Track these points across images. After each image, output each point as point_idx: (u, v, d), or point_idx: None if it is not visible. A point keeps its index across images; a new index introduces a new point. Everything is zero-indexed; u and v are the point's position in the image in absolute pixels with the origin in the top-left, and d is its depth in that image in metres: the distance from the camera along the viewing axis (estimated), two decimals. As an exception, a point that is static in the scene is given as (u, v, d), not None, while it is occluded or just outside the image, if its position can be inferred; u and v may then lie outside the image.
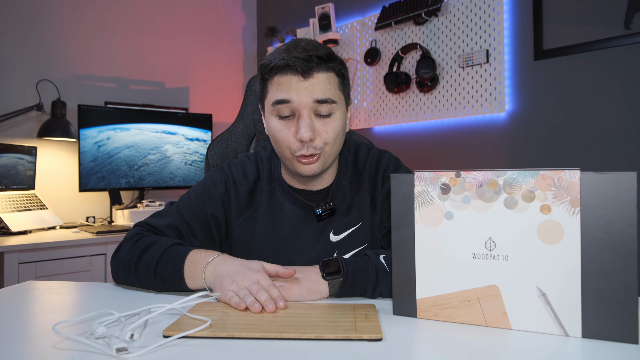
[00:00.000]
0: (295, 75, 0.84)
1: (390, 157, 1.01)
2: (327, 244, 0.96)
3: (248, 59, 3.39)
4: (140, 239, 0.87)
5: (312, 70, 0.84)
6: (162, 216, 0.94)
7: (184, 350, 0.56)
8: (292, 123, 0.86)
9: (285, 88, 0.84)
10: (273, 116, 0.88)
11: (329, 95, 0.85)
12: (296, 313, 0.68)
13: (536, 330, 0.61)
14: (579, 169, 0.59)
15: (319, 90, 0.84)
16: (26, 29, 2.42)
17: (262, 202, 0.97)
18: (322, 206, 0.94)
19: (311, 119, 0.85)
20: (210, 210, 0.95)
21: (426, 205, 0.68)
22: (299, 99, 0.84)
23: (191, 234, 0.93)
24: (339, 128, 0.88)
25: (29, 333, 0.63)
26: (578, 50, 1.88)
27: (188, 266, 0.80)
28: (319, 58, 0.84)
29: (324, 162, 0.89)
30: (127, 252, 0.86)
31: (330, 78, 0.86)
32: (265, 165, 1.00)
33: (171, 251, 0.83)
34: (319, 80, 0.84)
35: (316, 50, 0.85)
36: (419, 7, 2.33)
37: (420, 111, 2.42)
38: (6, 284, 1.83)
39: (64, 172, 2.53)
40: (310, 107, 0.85)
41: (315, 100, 0.84)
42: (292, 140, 0.86)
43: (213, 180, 0.98)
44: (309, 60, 0.83)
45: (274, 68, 0.85)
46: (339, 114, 0.88)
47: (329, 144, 0.87)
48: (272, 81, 0.87)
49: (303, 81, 0.84)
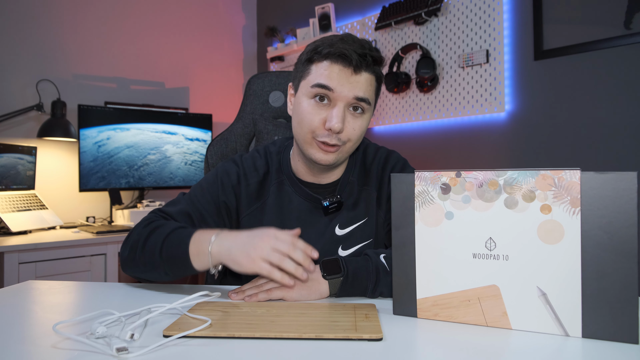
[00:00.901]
0: (346, 67, 0.85)
1: (399, 157, 1.03)
2: (333, 237, 0.96)
3: (248, 59, 3.39)
4: (150, 222, 0.88)
5: (363, 68, 0.86)
6: (174, 204, 0.95)
7: (184, 350, 0.56)
8: (324, 110, 0.87)
9: (332, 75, 0.85)
10: (308, 97, 0.88)
11: (368, 96, 0.87)
12: (296, 313, 0.68)
13: (536, 330, 0.61)
14: (579, 169, 0.59)
15: (361, 88, 0.86)
16: (26, 29, 2.42)
17: (271, 195, 0.98)
18: (330, 199, 0.95)
19: (344, 112, 0.87)
20: (223, 198, 0.96)
21: (426, 205, 0.68)
22: (341, 91, 0.85)
23: (202, 221, 0.94)
24: (364, 128, 0.90)
25: (29, 333, 0.63)
26: (578, 50, 1.88)
27: (193, 244, 0.79)
28: (373, 59, 0.86)
29: (340, 156, 0.91)
30: (137, 233, 0.87)
31: (372, 80, 0.89)
32: (274, 158, 1.01)
33: (178, 232, 0.82)
34: (365, 79, 0.86)
35: (371, 50, 0.87)
36: (419, 7, 2.33)
37: (420, 111, 2.42)
38: (6, 284, 1.83)
39: (64, 172, 2.52)
40: (348, 102, 0.86)
41: (355, 97, 0.86)
42: (318, 125, 0.87)
43: (225, 170, 0.99)
44: (364, 57, 0.85)
45: (328, 53, 0.86)
46: (367, 116, 0.90)
47: (351, 142, 0.89)
48: (319, 64, 0.87)
49: (352, 75, 0.85)
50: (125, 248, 0.88)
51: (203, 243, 0.78)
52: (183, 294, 0.82)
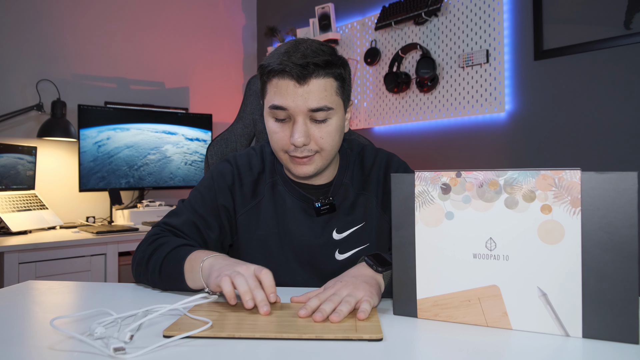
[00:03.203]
0: (292, 81, 0.84)
1: (400, 161, 1.03)
2: (330, 241, 0.96)
3: (248, 59, 3.39)
4: (156, 239, 0.89)
5: (308, 77, 0.83)
6: (177, 215, 0.96)
7: (183, 351, 0.56)
8: (288, 126, 0.87)
9: (281, 93, 0.85)
10: (270, 117, 0.89)
11: (324, 103, 0.85)
12: (296, 313, 0.68)
13: (536, 330, 0.61)
14: (579, 168, 0.59)
15: (314, 98, 0.84)
16: (26, 29, 2.42)
17: (266, 194, 0.98)
18: (322, 200, 0.95)
19: (306, 124, 0.86)
20: (221, 201, 0.96)
21: (427, 205, 0.68)
22: (294, 106, 0.84)
23: (208, 228, 0.95)
24: (334, 133, 0.89)
25: (28, 333, 0.63)
26: (578, 50, 1.88)
27: (188, 263, 0.80)
28: (316, 65, 0.83)
29: (319, 164, 0.91)
30: (142, 250, 0.89)
31: (327, 84, 0.85)
32: (268, 158, 1.01)
33: (177, 250, 0.83)
34: (315, 87, 0.84)
35: (314, 56, 0.84)
36: (419, 7, 2.33)
37: (420, 111, 2.41)
38: (6, 284, 1.83)
39: (64, 172, 2.52)
40: (306, 114, 0.85)
41: (309, 109, 0.84)
42: (286, 142, 0.88)
43: (220, 172, 0.99)
44: (306, 66, 0.82)
45: (271, 71, 0.85)
46: (335, 119, 0.88)
47: (325, 150, 0.89)
48: (270, 83, 0.87)
49: (299, 87, 0.84)
50: (133, 264, 0.91)
51: (196, 262, 0.79)
52: (184, 295, 0.82)
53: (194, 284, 0.79)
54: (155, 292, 0.85)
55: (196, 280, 0.78)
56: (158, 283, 0.85)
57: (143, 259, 0.87)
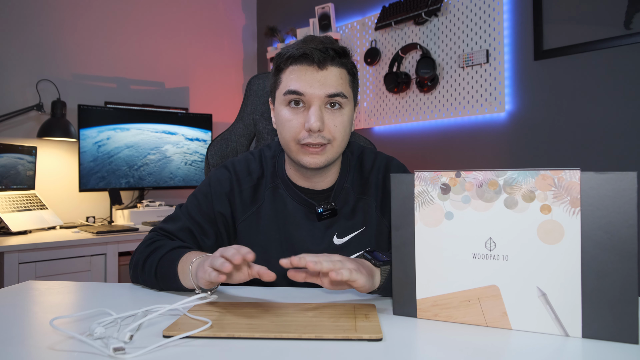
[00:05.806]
0: (310, 66, 0.86)
1: (399, 164, 1.03)
2: (331, 246, 0.96)
3: (248, 59, 3.39)
4: (152, 242, 0.91)
5: (327, 63, 0.86)
6: (174, 220, 0.96)
7: (183, 351, 0.56)
8: (302, 114, 0.88)
9: (299, 78, 0.86)
10: (284, 105, 0.90)
11: (341, 89, 0.87)
12: (296, 313, 0.68)
13: (536, 331, 0.61)
14: (579, 169, 0.59)
15: (331, 84, 0.86)
16: (26, 29, 2.42)
17: (266, 199, 0.98)
18: (324, 205, 0.95)
19: (321, 110, 0.87)
20: (218, 208, 0.96)
21: (426, 205, 0.68)
22: (311, 92, 0.86)
23: (203, 234, 0.95)
24: (346, 123, 0.90)
25: (28, 333, 0.63)
26: (578, 50, 1.88)
27: (181, 264, 0.81)
28: (335, 51, 0.87)
29: (329, 157, 0.90)
30: (139, 252, 0.91)
31: (342, 74, 0.89)
32: (269, 162, 1.01)
33: (172, 252, 0.85)
34: (332, 74, 0.87)
35: (332, 44, 0.88)
36: (419, 7, 2.33)
37: (420, 111, 2.41)
38: (6, 284, 1.83)
39: (64, 172, 2.52)
40: (322, 100, 0.87)
41: (327, 94, 0.86)
42: (299, 129, 0.88)
43: (218, 178, 0.99)
44: (326, 51, 0.86)
45: (290, 57, 0.87)
46: (348, 110, 0.90)
47: (337, 139, 0.89)
48: (286, 70, 0.89)
49: (317, 72, 0.86)
50: (130, 267, 0.92)
51: (187, 263, 0.80)
52: (183, 295, 0.82)
53: (188, 285, 0.81)
54: (154, 292, 0.86)
55: (187, 281, 0.80)
56: (154, 284, 0.86)
57: (139, 261, 0.88)
